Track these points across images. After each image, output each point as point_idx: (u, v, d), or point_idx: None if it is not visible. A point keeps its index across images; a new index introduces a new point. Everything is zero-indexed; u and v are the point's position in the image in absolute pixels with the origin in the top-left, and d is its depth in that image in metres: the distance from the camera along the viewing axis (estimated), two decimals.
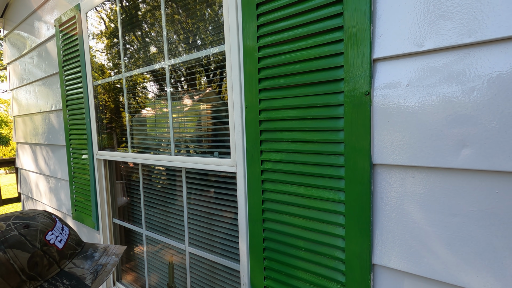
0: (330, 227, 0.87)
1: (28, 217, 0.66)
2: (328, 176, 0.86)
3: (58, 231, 0.67)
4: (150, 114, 1.64)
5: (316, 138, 0.87)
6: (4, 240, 0.58)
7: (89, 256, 0.70)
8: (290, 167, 0.94)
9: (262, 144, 1.01)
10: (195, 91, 1.36)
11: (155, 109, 1.60)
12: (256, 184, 1.03)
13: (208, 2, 1.27)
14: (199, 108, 1.39)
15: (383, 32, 0.75)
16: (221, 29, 1.21)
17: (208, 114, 1.34)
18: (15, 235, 0.59)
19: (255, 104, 1.01)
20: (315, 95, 0.87)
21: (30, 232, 0.62)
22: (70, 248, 0.68)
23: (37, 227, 0.63)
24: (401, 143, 0.74)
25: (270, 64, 0.96)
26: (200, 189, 1.42)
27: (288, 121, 0.93)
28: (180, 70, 1.39)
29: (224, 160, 1.16)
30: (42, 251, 0.61)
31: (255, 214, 1.05)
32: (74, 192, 2.16)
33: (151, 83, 1.58)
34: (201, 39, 1.30)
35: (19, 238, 0.59)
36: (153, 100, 1.60)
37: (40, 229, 0.63)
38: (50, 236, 0.64)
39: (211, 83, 1.31)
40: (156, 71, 1.52)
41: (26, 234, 0.61)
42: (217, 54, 1.23)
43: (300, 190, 0.92)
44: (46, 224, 0.66)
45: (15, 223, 0.62)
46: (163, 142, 1.56)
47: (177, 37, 1.38)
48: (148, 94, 1.63)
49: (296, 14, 0.89)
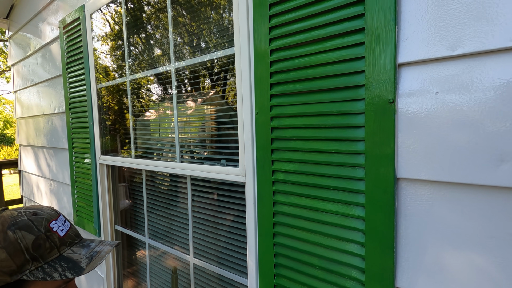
0: (348, 245, 0.80)
1: (37, 208, 0.77)
2: (346, 190, 0.79)
3: (61, 222, 0.77)
4: (155, 119, 1.58)
5: (333, 148, 0.81)
6: (15, 223, 0.69)
7: (86, 245, 0.79)
8: (304, 178, 0.88)
9: (273, 153, 0.95)
10: (202, 96, 1.31)
11: (160, 114, 1.54)
12: (267, 195, 0.97)
13: (217, 2, 1.22)
14: (205, 114, 1.33)
15: (409, 34, 0.69)
16: (230, 31, 1.15)
17: (215, 119, 1.29)
18: (24, 220, 0.70)
19: (266, 111, 0.95)
20: (333, 102, 0.81)
21: (37, 218, 0.72)
22: (70, 238, 0.77)
23: (43, 215, 0.74)
24: (429, 156, 0.68)
25: (283, 68, 0.90)
26: (206, 197, 1.36)
27: (302, 129, 0.87)
28: (186, 73, 1.34)
29: (232, 169, 1.10)
30: (46, 235, 0.71)
31: (265, 227, 0.98)
32: (76, 197, 2.11)
33: (156, 87, 1.53)
34: (209, 41, 1.24)
35: (27, 222, 0.70)
36: (157, 105, 1.55)
37: (45, 218, 0.74)
38: (53, 224, 0.74)
39: (218, 87, 1.25)
40: (162, 74, 1.46)
41: (34, 220, 0.71)
42: (225, 57, 1.17)
43: (315, 203, 0.86)
44: (51, 215, 0.76)
45: (25, 211, 0.73)
46: (166, 147, 1.50)
47: (183, 40, 1.33)
48: (152, 98, 1.57)
49: (312, 15, 0.83)
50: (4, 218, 0.71)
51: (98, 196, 1.88)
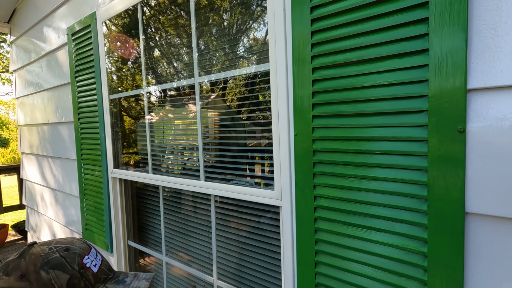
0: (407, 282, 0.75)
1: (67, 242, 0.73)
2: (405, 222, 0.74)
3: (93, 256, 0.73)
4: (175, 133, 1.52)
5: (390, 176, 0.75)
6: (47, 262, 0.65)
7: (121, 280, 0.74)
8: (353, 206, 0.82)
9: (315, 178, 0.89)
10: (230, 112, 1.24)
11: (182, 128, 1.47)
12: (308, 222, 0.91)
13: (250, 14, 1.15)
14: (232, 130, 1.27)
15: (482, 57, 0.63)
16: (262, 43, 1.09)
17: (244, 138, 1.22)
18: (56, 257, 0.67)
19: (307, 133, 0.89)
20: (389, 127, 0.75)
21: (70, 255, 0.68)
22: (104, 273, 0.73)
23: (76, 250, 0.70)
24: (505, 192, 0.62)
25: (328, 89, 0.84)
26: (232, 216, 1.29)
27: (352, 154, 0.81)
28: (211, 88, 1.27)
29: (266, 192, 1.04)
30: (80, 273, 0.67)
31: (305, 255, 0.92)
32: (85, 210, 2.03)
33: (176, 100, 1.46)
34: (240, 54, 1.18)
35: (60, 260, 0.67)
36: (179, 118, 1.48)
37: (78, 253, 0.70)
38: (86, 260, 0.70)
39: (248, 106, 1.19)
40: (184, 87, 1.40)
41: (66, 256, 0.68)
42: (258, 73, 1.11)
43: (367, 234, 0.80)
44: (83, 249, 0.72)
45: (57, 247, 0.70)
46: (187, 163, 1.44)
47: (209, 52, 1.26)
48: (173, 112, 1.50)
49: (364, 33, 0.77)
50: (35, 256, 0.67)
51: (110, 210, 1.81)
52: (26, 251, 0.71)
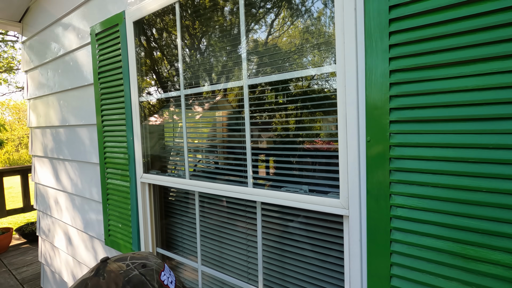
0: None
1: (142, 257, 0.71)
2: (508, 236, 0.69)
3: (168, 272, 0.71)
4: (217, 136, 1.46)
5: (495, 187, 0.70)
6: (128, 280, 0.62)
7: None
8: (440, 218, 0.77)
9: (392, 187, 0.84)
10: (284, 115, 1.19)
11: (224, 132, 1.42)
12: (382, 233, 0.86)
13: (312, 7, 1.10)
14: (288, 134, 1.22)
15: None
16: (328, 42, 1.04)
17: (300, 142, 1.17)
18: (136, 275, 0.64)
19: (382, 138, 0.85)
20: (495, 133, 0.70)
21: (148, 271, 0.66)
22: None
23: (152, 266, 0.68)
24: None
25: (409, 93, 0.80)
26: (282, 225, 1.24)
27: (441, 162, 0.77)
28: (262, 91, 1.21)
29: (329, 200, 0.99)
30: None
31: (379, 269, 0.88)
32: (108, 215, 1.96)
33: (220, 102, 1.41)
34: (298, 53, 1.13)
35: (140, 277, 0.64)
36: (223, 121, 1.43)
37: (155, 269, 0.68)
38: (163, 276, 0.68)
39: (308, 108, 1.14)
40: (229, 89, 1.34)
41: (145, 273, 0.66)
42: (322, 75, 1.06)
43: (459, 248, 0.75)
44: (158, 264, 0.70)
45: (133, 263, 0.67)
46: (232, 169, 1.38)
47: (260, 50, 1.20)
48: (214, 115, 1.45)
49: (459, 33, 0.73)
50: (115, 274, 0.64)
51: (139, 217, 1.74)
52: (102, 268, 0.67)
